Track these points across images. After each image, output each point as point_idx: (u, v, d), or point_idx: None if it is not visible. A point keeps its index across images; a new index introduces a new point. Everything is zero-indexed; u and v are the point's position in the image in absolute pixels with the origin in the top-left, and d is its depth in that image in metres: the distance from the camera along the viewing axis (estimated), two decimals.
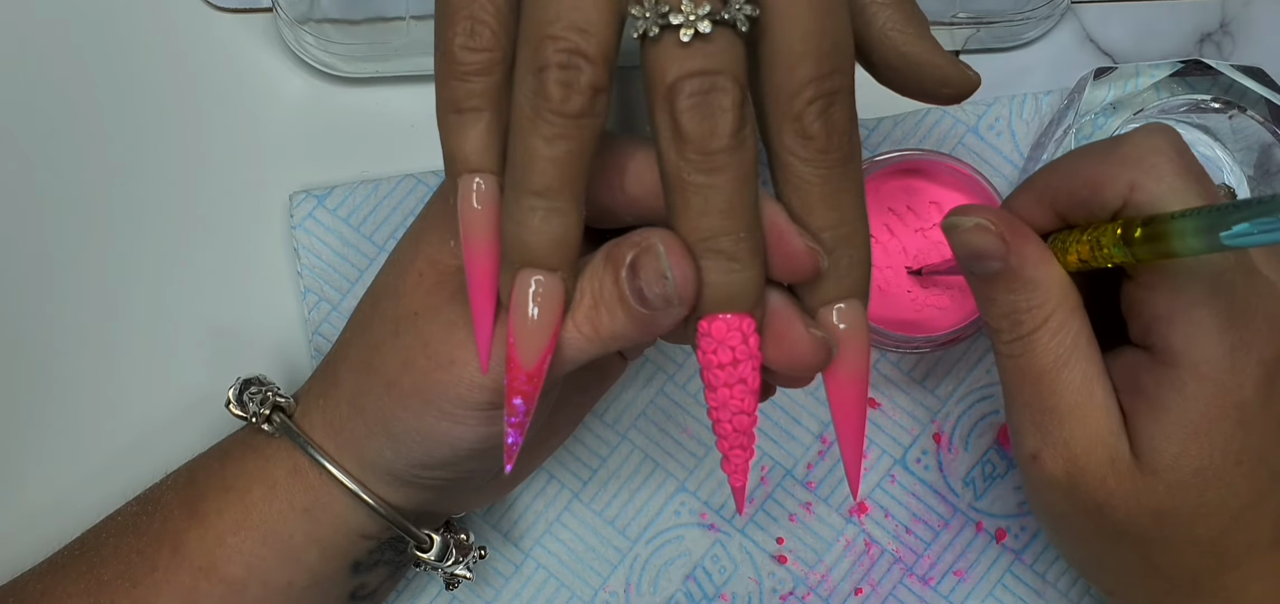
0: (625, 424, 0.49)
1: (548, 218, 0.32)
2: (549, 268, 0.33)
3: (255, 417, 0.42)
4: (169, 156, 0.50)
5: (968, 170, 0.46)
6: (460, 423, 0.37)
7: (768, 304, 0.33)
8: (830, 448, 0.49)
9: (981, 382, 0.49)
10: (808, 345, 0.33)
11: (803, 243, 0.33)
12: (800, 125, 0.32)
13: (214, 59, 0.50)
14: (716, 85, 0.31)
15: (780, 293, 0.34)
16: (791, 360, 0.33)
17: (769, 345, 0.33)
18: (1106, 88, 0.46)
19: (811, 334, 0.33)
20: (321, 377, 0.42)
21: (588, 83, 0.31)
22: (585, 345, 0.34)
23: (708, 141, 0.31)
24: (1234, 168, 0.49)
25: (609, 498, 0.49)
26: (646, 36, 0.31)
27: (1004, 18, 0.49)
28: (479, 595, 0.49)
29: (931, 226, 0.48)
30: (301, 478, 0.41)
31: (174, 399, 0.49)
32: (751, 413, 0.33)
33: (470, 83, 0.33)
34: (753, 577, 0.49)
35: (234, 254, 0.50)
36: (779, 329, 0.33)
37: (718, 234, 0.32)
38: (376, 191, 0.49)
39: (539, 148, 0.31)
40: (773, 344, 0.33)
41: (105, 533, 0.43)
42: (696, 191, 0.31)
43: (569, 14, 0.31)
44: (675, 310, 0.33)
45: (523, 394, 0.33)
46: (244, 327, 0.50)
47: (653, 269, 0.32)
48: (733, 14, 0.31)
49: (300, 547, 0.41)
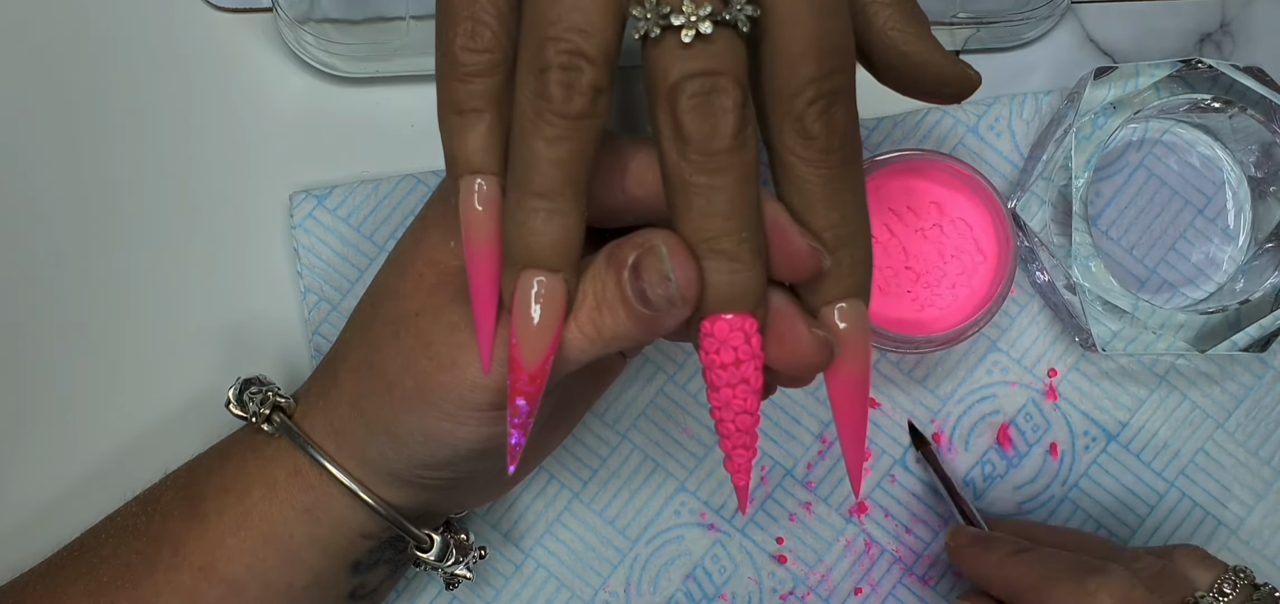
0: (625, 424, 0.49)
1: (550, 219, 0.32)
2: (551, 269, 0.33)
3: (255, 417, 0.42)
4: (169, 156, 0.50)
5: (968, 170, 0.46)
6: (462, 424, 0.37)
7: (770, 304, 0.33)
8: (830, 448, 0.49)
9: (981, 381, 0.49)
10: (810, 345, 0.33)
11: (805, 242, 0.33)
12: (801, 125, 0.32)
13: (214, 59, 0.50)
14: (718, 86, 0.31)
15: (782, 293, 0.34)
16: (794, 360, 0.33)
17: (771, 345, 0.33)
18: (1106, 88, 0.46)
19: (814, 334, 0.33)
20: (322, 377, 0.42)
21: (589, 83, 0.31)
22: (587, 346, 0.34)
23: (709, 142, 0.31)
24: (1234, 167, 0.49)
25: (609, 498, 0.49)
26: (648, 37, 0.31)
27: (1004, 18, 0.49)
28: (479, 595, 0.49)
29: (931, 226, 0.48)
30: (302, 478, 0.41)
31: (174, 399, 0.49)
32: (754, 413, 0.33)
33: (472, 84, 0.33)
34: (753, 577, 0.49)
35: (234, 254, 0.50)
36: (781, 328, 0.33)
37: (720, 235, 0.32)
38: (376, 191, 0.49)
39: (541, 149, 0.31)
40: (775, 344, 0.33)
41: (105, 533, 0.43)
42: (698, 192, 0.31)
43: (570, 15, 0.31)
44: (678, 311, 0.33)
45: (525, 395, 0.33)
46: (244, 326, 0.50)
47: (656, 270, 0.32)
48: (734, 15, 0.31)
49: (301, 547, 0.41)
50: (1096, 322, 0.46)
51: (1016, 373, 0.49)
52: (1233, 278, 0.49)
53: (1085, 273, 0.46)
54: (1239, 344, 0.46)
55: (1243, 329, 0.46)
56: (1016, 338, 0.50)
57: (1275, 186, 0.48)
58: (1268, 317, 0.46)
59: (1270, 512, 0.49)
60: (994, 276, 0.47)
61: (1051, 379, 0.49)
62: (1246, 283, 0.48)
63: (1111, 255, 0.49)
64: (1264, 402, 0.49)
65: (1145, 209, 0.49)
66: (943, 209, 0.48)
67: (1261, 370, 0.49)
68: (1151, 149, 0.50)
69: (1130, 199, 0.49)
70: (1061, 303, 0.48)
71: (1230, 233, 0.49)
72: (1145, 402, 0.49)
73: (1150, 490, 0.49)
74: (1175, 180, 0.49)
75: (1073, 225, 0.46)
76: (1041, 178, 0.47)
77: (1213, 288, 0.49)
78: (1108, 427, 0.49)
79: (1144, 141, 0.50)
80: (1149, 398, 0.49)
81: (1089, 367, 0.49)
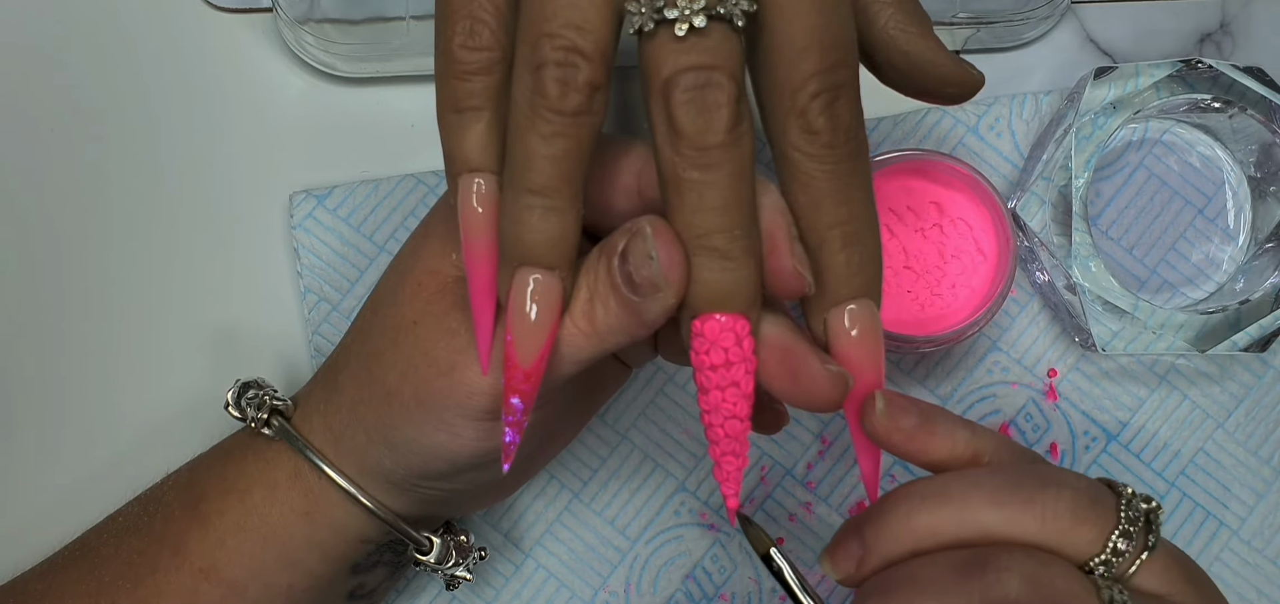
0: (625, 424, 0.49)
1: (545, 215, 0.32)
2: (547, 266, 0.32)
3: (254, 422, 0.42)
4: (169, 157, 0.50)
5: (968, 170, 0.46)
6: (459, 435, 0.37)
7: (781, 343, 0.33)
8: (830, 448, 0.49)
9: (981, 381, 0.49)
10: (825, 382, 0.33)
11: (792, 264, 0.32)
12: (805, 121, 0.32)
13: (214, 59, 0.50)
14: (712, 80, 0.31)
15: (791, 329, 0.33)
16: (810, 398, 0.33)
17: (785, 383, 0.33)
18: (1106, 88, 0.46)
19: (827, 370, 0.33)
20: (323, 381, 0.42)
21: (585, 80, 0.31)
22: (583, 343, 0.34)
23: (703, 137, 0.31)
24: (1234, 167, 0.49)
25: (609, 498, 0.49)
26: (642, 32, 0.31)
27: (1004, 18, 0.49)
28: (479, 595, 0.49)
29: (931, 226, 0.48)
30: (302, 481, 0.41)
31: (174, 399, 0.49)
32: (744, 419, 0.33)
33: (470, 82, 0.33)
34: (753, 577, 0.49)
35: (234, 254, 0.50)
36: (794, 366, 0.33)
37: (712, 231, 0.31)
38: (376, 191, 0.49)
39: (536, 145, 0.31)
40: (789, 381, 0.33)
41: (106, 533, 0.43)
42: (691, 187, 0.31)
43: (566, 12, 0.31)
44: (664, 296, 0.32)
45: (520, 393, 0.33)
46: (244, 326, 0.50)
47: (640, 250, 0.32)
48: (729, 9, 0.31)
49: (301, 550, 0.41)
50: (1096, 322, 0.46)
51: (1016, 373, 0.49)
52: (1233, 278, 0.49)
53: (1085, 273, 0.46)
54: (1239, 344, 0.46)
55: (1243, 329, 0.46)
56: (1016, 338, 0.49)
57: (1275, 186, 0.48)
58: (1268, 316, 0.46)
59: (1270, 512, 0.49)
60: (994, 276, 0.47)
61: (1051, 379, 0.49)
62: (1246, 283, 0.48)
63: (1111, 255, 0.49)
64: (1264, 402, 0.49)
65: (1145, 209, 0.49)
66: (943, 209, 0.48)
67: (1261, 370, 0.49)
68: (1151, 149, 0.50)
69: (1130, 199, 0.49)
70: (1061, 303, 0.48)
71: (1230, 233, 0.49)
72: (1145, 402, 0.49)
73: (1150, 490, 0.49)
74: (1175, 180, 0.49)
75: (1073, 225, 0.46)
76: (1041, 178, 0.47)
77: (1213, 288, 0.49)
78: (1108, 427, 0.49)
79: (1144, 141, 0.50)
80: (1149, 398, 0.49)
81: (1089, 367, 0.49)
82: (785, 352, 0.33)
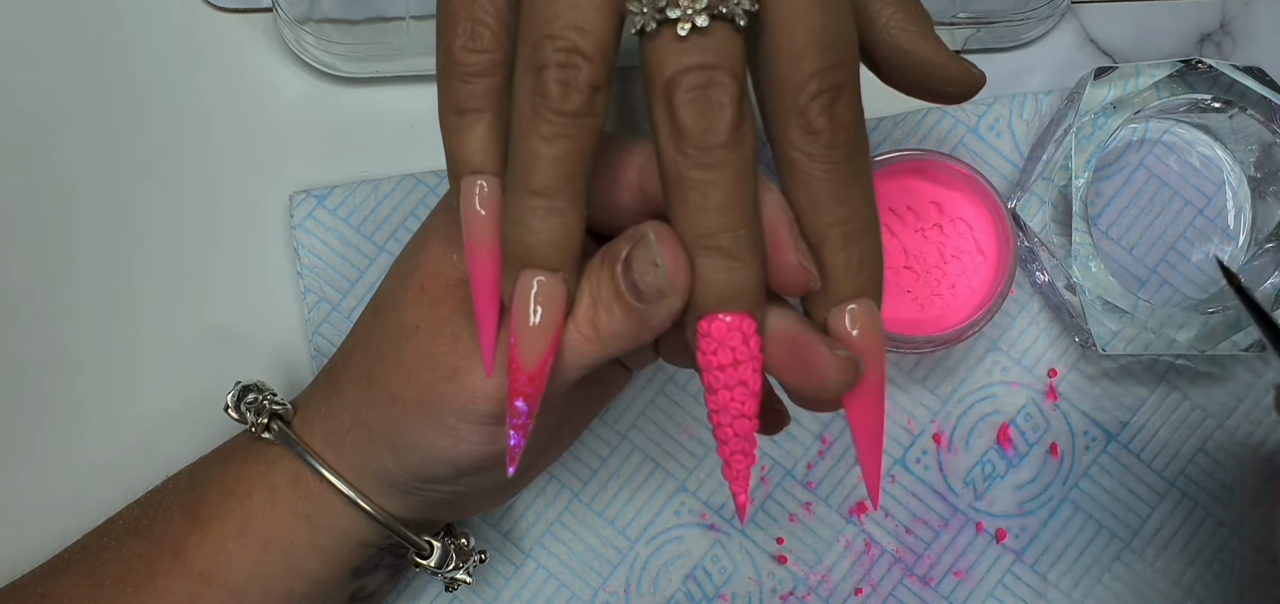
0: (625, 424, 0.49)
1: (548, 217, 0.32)
2: (550, 268, 0.32)
3: (253, 426, 0.41)
4: (169, 157, 0.50)
5: (968, 170, 0.46)
6: (463, 439, 0.37)
7: (789, 334, 0.33)
8: (830, 448, 0.49)
9: (981, 382, 0.49)
10: (834, 367, 0.33)
11: (797, 258, 0.32)
12: (805, 120, 0.32)
13: (214, 59, 0.50)
14: (714, 80, 0.31)
15: (797, 319, 0.33)
16: (819, 385, 0.33)
17: (796, 373, 0.33)
18: (1106, 88, 0.46)
19: (836, 355, 0.33)
20: (324, 385, 0.42)
21: (586, 81, 0.31)
22: (587, 347, 0.34)
23: (705, 137, 0.31)
24: (1234, 167, 0.49)
25: (609, 498, 0.49)
26: (644, 32, 0.31)
27: (1004, 18, 0.49)
28: (479, 596, 0.49)
29: (931, 226, 0.48)
30: (303, 486, 0.41)
31: (174, 399, 0.49)
32: (752, 417, 0.33)
33: (471, 84, 0.33)
34: (753, 577, 0.49)
35: (234, 254, 0.50)
36: (804, 355, 0.33)
37: (716, 231, 0.31)
38: (376, 191, 0.49)
39: (538, 147, 0.31)
40: (798, 370, 0.33)
41: (106, 536, 0.43)
42: (694, 188, 0.31)
43: (567, 13, 0.31)
44: (669, 302, 0.32)
45: (525, 395, 0.33)
46: (244, 327, 0.50)
47: (644, 258, 0.32)
48: (731, 8, 0.31)
49: (301, 554, 0.41)
50: (1096, 322, 0.46)
51: (1016, 373, 0.49)
52: None
53: (1085, 273, 0.46)
54: (1239, 344, 0.46)
55: (1243, 329, 0.46)
56: (1016, 338, 0.49)
57: (1275, 186, 0.48)
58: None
59: (1270, 512, 0.49)
60: (994, 276, 0.47)
61: (1051, 379, 0.49)
62: (1246, 283, 0.48)
63: (1111, 255, 0.49)
64: (1264, 402, 0.49)
65: (1145, 209, 0.49)
66: (943, 209, 0.48)
67: (1262, 370, 0.49)
68: (1151, 149, 0.50)
69: (1130, 199, 0.49)
70: (1061, 303, 0.48)
71: (1230, 233, 0.49)
72: (1145, 402, 0.49)
73: (1150, 491, 0.49)
74: (1175, 180, 0.49)
75: (1073, 225, 0.46)
76: (1041, 178, 0.47)
77: (1213, 288, 0.49)
78: (1108, 426, 0.49)
79: (1144, 141, 0.50)
80: (1149, 398, 0.49)
81: (1089, 367, 0.49)
82: (793, 342, 0.33)
